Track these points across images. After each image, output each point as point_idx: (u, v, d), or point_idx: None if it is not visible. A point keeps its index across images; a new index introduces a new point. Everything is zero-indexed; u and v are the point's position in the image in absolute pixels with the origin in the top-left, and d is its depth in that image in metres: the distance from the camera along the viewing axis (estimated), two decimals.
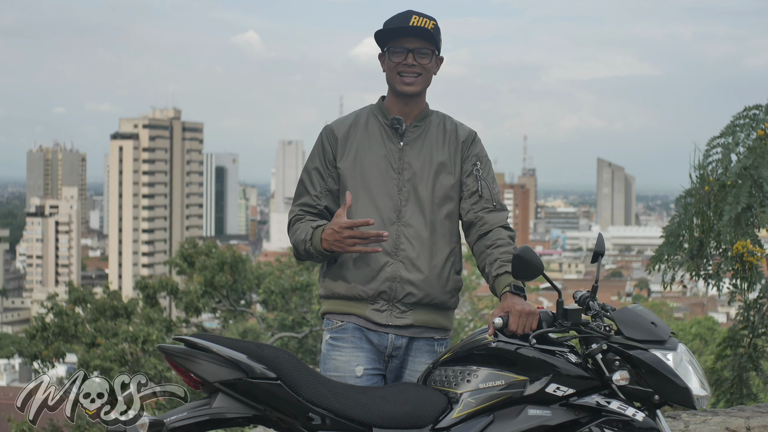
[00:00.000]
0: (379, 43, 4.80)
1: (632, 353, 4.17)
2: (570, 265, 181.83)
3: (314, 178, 4.78)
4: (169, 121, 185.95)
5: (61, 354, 28.04)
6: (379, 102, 4.87)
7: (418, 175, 4.69)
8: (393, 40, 4.71)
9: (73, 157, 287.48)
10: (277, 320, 30.86)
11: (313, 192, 4.76)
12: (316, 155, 4.80)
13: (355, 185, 4.69)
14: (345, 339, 4.65)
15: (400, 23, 4.68)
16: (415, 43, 4.69)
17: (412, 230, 4.65)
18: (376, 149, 4.73)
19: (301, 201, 4.80)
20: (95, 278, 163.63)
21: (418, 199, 4.67)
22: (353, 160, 4.72)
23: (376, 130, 4.77)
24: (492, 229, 4.69)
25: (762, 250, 8.46)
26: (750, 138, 8.59)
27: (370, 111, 4.85)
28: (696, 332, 39.02)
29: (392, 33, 4.70)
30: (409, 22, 4.65)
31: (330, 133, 4.80)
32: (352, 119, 4.83)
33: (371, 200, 4.66)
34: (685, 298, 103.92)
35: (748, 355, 9.39)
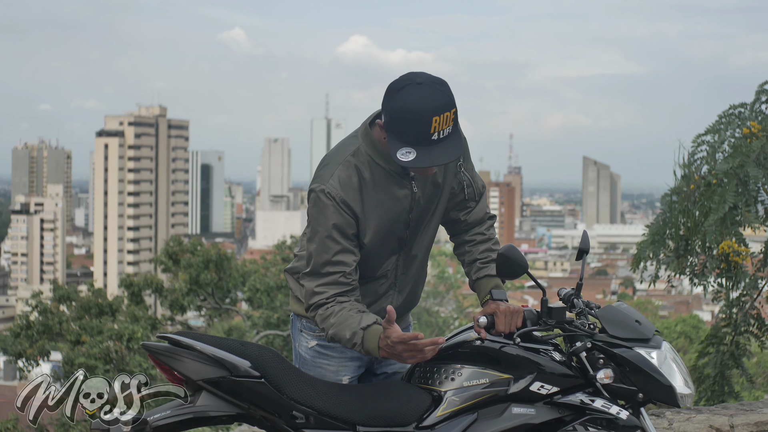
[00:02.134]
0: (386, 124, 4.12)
1: (616, 351, 4.17)
2: (555, 264, 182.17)
3: (343, 257, 4.24)
4: (155, 119, 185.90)
5: (45, 352, 28.06)
6: (371, 138, 4.31)
7: (424, 208, 4.43)
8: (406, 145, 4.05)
9: (59, 155, 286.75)
10: (263, 318, 30.85)
11: (343, 269, 4.25)
12: (338, 234, 4.23)
13: (371, 242, 4.33)
14: (334, 348, 4.49)
15: (418, 133, 4.01)
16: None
17: (416, 258, 4.53)
18: (392, 204, 4.32)
19: (329, 281, 4.24)
20: (80, 276, 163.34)
21: (421, 228, 4.47)
22: (376, 226, 4.30)
23: (385, 180, 4.29)
24: (473, 227, 4.66)
25: (747, 249, 8.48)
26: (735, 136, 8.60)
27: (368, 159, 4.28)
28: (681, 330, 39.02)
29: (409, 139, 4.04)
30: (430, 130, 4.00)
31: (344, 204, 4.22)
32: (356, 177, 4.25)
33: (383, 245, 4.37)
34: (670, 297, 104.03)
35: (731, 353, 9.41)
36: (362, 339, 4.12)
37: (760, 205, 8.66)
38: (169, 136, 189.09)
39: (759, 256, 9.03)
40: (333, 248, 4.22)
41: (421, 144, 4.01)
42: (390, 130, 4.08)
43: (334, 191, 4.21)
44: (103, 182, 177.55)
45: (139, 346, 25.00)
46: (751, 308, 9.33)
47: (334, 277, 4.24)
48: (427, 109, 3.99)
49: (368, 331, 4.12)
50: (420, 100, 4.01)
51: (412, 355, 4.05)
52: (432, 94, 4.02)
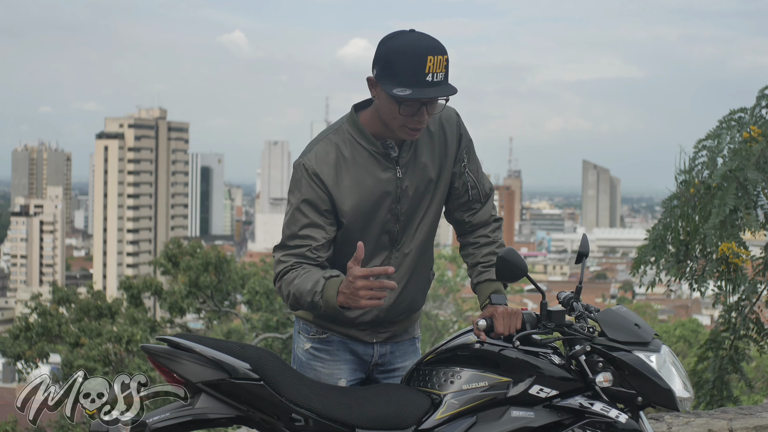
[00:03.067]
0: (378, 71, 4.14)
1: (615, 355, 4.16)
2: (555, 267, 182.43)
3: (310, 232, 4.24)
4: (155, 121, 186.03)
5: (44, 354, 28.06)
6: (355, 120, 4.30)
7: (413, 201, 4.37)
8: (401, 86, 4.06)
9: (58, 157, 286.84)
10: (262, 321, 30.87)
11: (309, 244, 4.25)
12: (307, 207, 4.24)
13: (355, 226, 4.31)
14: (329, 351, 4.50)
15: (413, 70, 4.02)
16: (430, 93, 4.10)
17: (405, 255, 4.46)
18: (373, 185, 4.27)
19: (295, 252, 4.26)
20: (80, 278, 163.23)
21: (413, 224, 4.42)
22: (347, 202, 4.26)
23: (366, 161, 4.27)
24: (478, 228, 4.65)
25: (747, 252, 8.48)
26: (735, 141, 8.61)
27: (350, 138, 4.28)
28: (680, 334, 39.10)
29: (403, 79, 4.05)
30: (425, 70, 4.01)
31: (315, 177, 4.22)
32: (334, 153, 4.26)
33: (370, 237, 4.34)
34: (669, 301, 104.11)
35: (729, 357, 9.42)
36: (323, 287, 4.13)
37: (759, 209, 8.67)
38: (169, 138, 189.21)
39: (759, 260, 9.03)
40: (301, 221, 4.26)
41: (416, 85, 4.03)
42: (383, 74, 4.10)
43: (309, 165, 4.24)
44: (103, 184, 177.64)
45: (138, 349, 25.00)
46: (750, 313, 9.33)
47: (300, 251, 4.26)
48: (422, 47, 4.05)
49: (330, 280, 4.14)
50: (415, 40, 4.08)
51: (370, 294, 4.00)
52: (425, 37, 4.12)
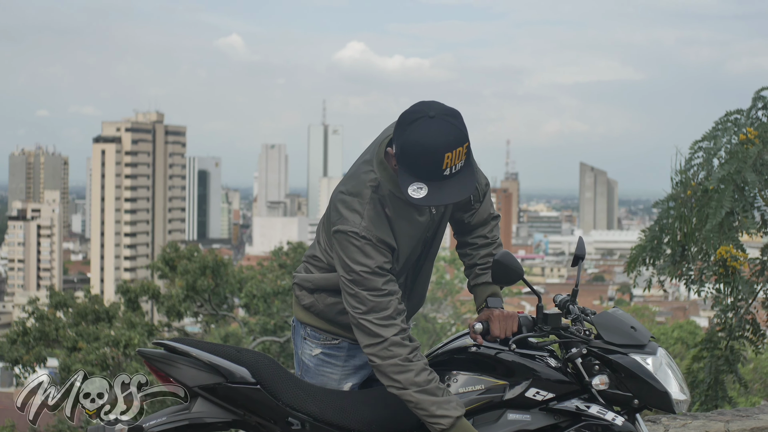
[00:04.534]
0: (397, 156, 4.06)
1: (612, 357, 4.17)
2: (552, 270, 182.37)
3: (391, 286, 4.20)
4: (152, 125, 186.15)
5: (42, 358, 28.01)
6: (392, 176, 4.21)
7: (438, 225, 4.45)
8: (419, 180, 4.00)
9: (56, 161, 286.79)
10: (259, 324, 30.87)
11: (396, 296, 4.21)
12: (382, 269, 4.17)
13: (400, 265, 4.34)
14: (339, 357, 4.49)
15: (430, 169, 3.96)
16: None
17: (424, 270, 4.53)
18: (415, 232, 4.31)
19: (391, 312, 4.16)
20: (77, 282, 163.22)
21: (433, 242, 4.48)
22: (403, 253, 4.29)
23: (407, 212, 4.26)
24: (477, 227, 4.67)
25: (745, 254, 8.49)
26: (732, 142, 8.62)
27: (390, 194, 4.22)
28: (678, 336, 39.03)
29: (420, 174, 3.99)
30: (443, 167, 3.95)
31: (382, 244, 4.17)
32: (383, 215, 4.22)
33: (404, 266, 4.36)
34: (667, 303, 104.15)
35: (725, 358, 9.42)
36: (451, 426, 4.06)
37: (756, 211, 8.68)
38: (166, 142, 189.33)
39: (756, 261, 9.03)
40: (382, 279, 4.16)
41: (432, 179, 3.96)
42: (401, 162, 4.01)
43: (369, 233, 4.16)
44: (100, 188, 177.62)
45: (135, 353, 24.98)
46: (746, 313, 9.33)
47: (393, 306, 4.17)
48: (440, 145, 3.92)
49: (460, 423, 4.07)
50: (432, 135, 3.93)
51: None
52: (445, 128, 3.95)
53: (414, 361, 4.10)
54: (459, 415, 4.06)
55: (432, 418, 4.06)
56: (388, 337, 4.11)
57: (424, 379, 4.08)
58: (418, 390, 4.07)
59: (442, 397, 4.07)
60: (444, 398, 4.07)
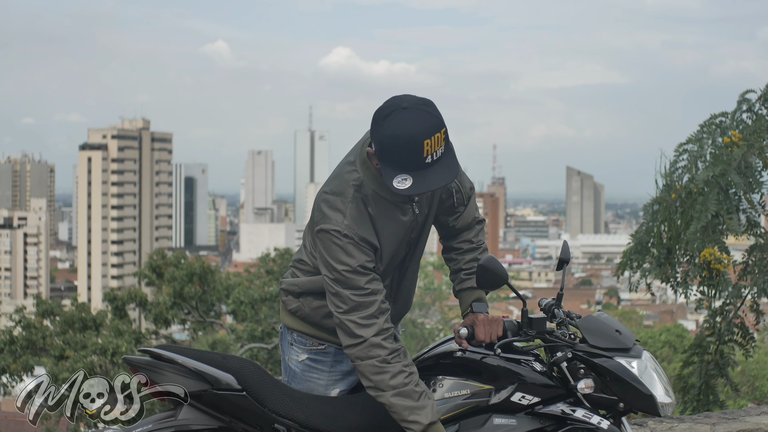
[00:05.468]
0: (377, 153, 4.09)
1: (597, 361, 4.17)
2: (540, 274, 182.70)
3: (374, 285, 4.19)
4: (138, 132, 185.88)
5: (29, 367, 27.90)
6: (374, 174, 4.22)
7: (421, 226, 4.44)
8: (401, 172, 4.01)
9: (42, 168, 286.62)
10: (247, 331, 30.79)
11: (380, 295, 4.21)
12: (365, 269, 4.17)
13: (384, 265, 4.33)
14: (325, 362, 4.49)
15: (412, 158, 3.97)
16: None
17: (408, 270, 4.52)
18: (398, 231, 4.30)
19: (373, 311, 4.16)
20: (64, 290, 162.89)
21: (418, 244, 4.47)
22: (387, 253, 4.28)
23: (390, 211, 4.27)
24: (462, 231, 4.67)
25: (729, 257, 8.50)
26: (716, 145, 8.63)
27: (373, 194, 4.23)
28: (665, 340, 39.11)
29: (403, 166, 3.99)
30: (423, 154, 3.96)
31: (364, 242, 4.17)
32: (366, 214, 4.22)
33: (387, 268, 4.36)
34: (654, 306, 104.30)
35: (715, 362, 9.43)
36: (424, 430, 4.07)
37: (741, 214, 8.69)
38: (153, 149, 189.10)
39: (741, 264, 9.06)
40: (365, 278, 4.16)
41: (415, 169, 3.97)
42: (382, 158, 4.03)
43: (351, 231, 4.16)
44: (87, 196, 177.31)
45: (122, 360, 24.92)
46: (735, 317, 9.35)
47: (376, 305, 4.17)
48: (418, 133, 3.93)
49: (433, 427, 4.08)
50: (408, 125, 3.95)
51: None
52: (420, 117, 3.96)
53: (392, 363, 4.10)
54: (430, 422, 4.05)
55: (404, 423, 4.09)
56: (368, 338, 4.11)
57: (400, 382, 4.08)
58: (393, 393, 4.08)
59: (417, 402, 4.07)
60: (418, 403, 4.06)
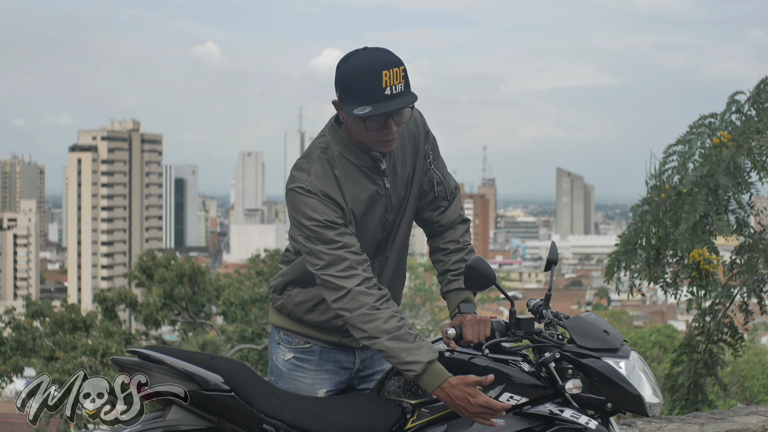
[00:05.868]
0: (341, 95, 4.15)
1: (585, 361, 4.17)
2: (530, 275, 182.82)
3: (346, 238, 4.16)
4: (128, 133, 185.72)
5: (19, 368, 27.87)
6: (341, 136, 4.28)
7: (397, 208, 4.41)
8: (363, 105, 4.05)
9: (32, 170, 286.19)
10: (237, 332, 30.80)
11: (353, 247, 4.17)
12: (332, 223, 4.15)
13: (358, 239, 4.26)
14: (311, 361, 4.49)
15: (371, 88, 4.02)
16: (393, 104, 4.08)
17: (391, 260, 4.49)
18: (366, 200, 4.28)
19: (349, 263, 4.13)
20: (54, 291, 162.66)
21: (395, 227, 4.45)
22: (357, 223, 4.27)
23: (357, 176, 4.26)
24: (447, 229, 4.65)
25: (718, 257, 8.52)
26: (705, 146, 8.65)
27: (339, 155, 4.25)
28: (655, 340, 39.10)
29: (364, 99, 4.04)
30: (382, 85, 4.01)
31: (327, 198, 4.16)
32: (331, 173, 4.22)
33: (363, 244, 4.29)
34: (644, 306, 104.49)
35: (704, 362, 9.45)
36: (423, 371, 4.05)
37: (730, 214, 8.71)
38: (143, 150, 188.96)
39: (730, 264, 9.08)
40: (333, 231, 4.15)
41: (375, 101, 4.02)
42: (343, 96, 4.10)
43: (316, 187, 4.17)
44: (77, 197, 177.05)
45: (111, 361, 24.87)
46: (724, 317, 9.37)
47: (351, 257, 4.15)
48: (376, 64, 4.03)
49: (432, 366, 4.06)
50: (368, 58, 4.06)
51: (484, 417, 4.06)
52: (378, 52, 4.09)
53: (381, 309, 4.09)
54: (430, 359, 4.04)
55: (404, 365, 4.05)
56: (351, 288, 4.10)
57: (394, 325, 4.07)
58: (389, 338, 4.05)
59: (414, 343, 4.05)
60: (415, 344, 4.05)
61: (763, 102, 8.78)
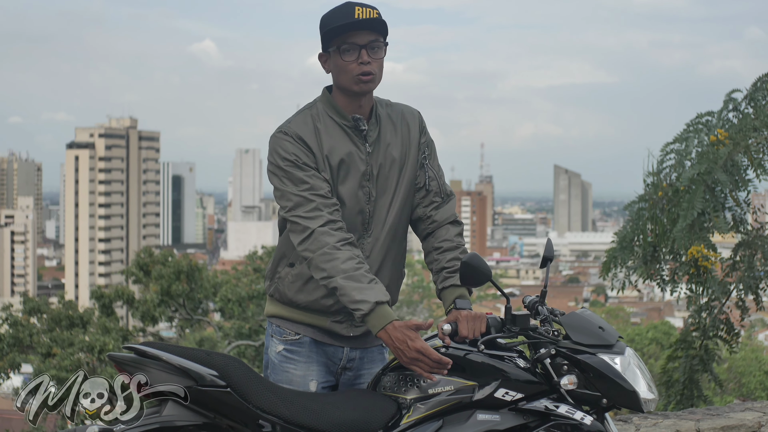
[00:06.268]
0: (323, 42, 4.44)
1: (580, 357, 4.18)
2: (527, 272, 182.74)
3: (315, 181, 4.30)
4: (126, 131, 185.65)
5: (16, 365, 27.85)
6: (329, 98, 4.47)
7: (381, 181, 4.48)
8: (339, 37, 4.34)
9: (29, 167, 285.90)
10: (234, 328, 30.77)
11: (322, 190, 4.29)
12: (302, 164, 4.30)
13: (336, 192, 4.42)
14: (301, 353, 4.54)
15: (344, 18, 4.30)
16: (365, 37, 4.34)
17: (378, 241, 4.52)
18: (345, 156, 4.40)
19: (316, 204, 4.26)
20: (51, 288, 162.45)
21: (384, 206, 4.50)
22: (327, 169, 4.37)
23: (339, 134, 4.41)
24: (439, 227, 4.65)
25: (716, 254, 8.53)
26: (703, 144, 8.66)
27: (323, 112, 4.44)
28: (652, 337, 39.16)
29: (338, 30, 4.31)
30: (355, 15, 4.29)
31: (299, 139, 4.34)
32: (311, 122, 4.39)
33: (345, 216, 4.39)
34: (641, 303, 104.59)
35: (700, 357, 9.46)
36: (370, 311, 4.11)
37: (728, 212, 8.73)
38: (140, 147, 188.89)
39: (728, 261, 9.08)
40: (302, 175, 4.31)
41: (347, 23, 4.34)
42: (324, 41, 4.43)
43: (291, 131, 4.37)
44: (74, 194, 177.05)
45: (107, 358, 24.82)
46: (720, 313, 9.38)
47: (318, 200, 4.27)
48: (349, 4, 4.36)
49: (380, 307, 4.13)
50: (342, 3, 4.40)
51: (420, 366, 4.11)
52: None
53: (341, 250, 4.20)
54: (378, 300, 4.12)
55: (353, 304, 4.14)
56: (314, 228, 4.23)
57: (351, 266, 4.17)
58: (344, 276, 4.15)
59: (367, 284, 4.15)
60: (367, 285, 4.14)
61: (760, 99, 8.79)
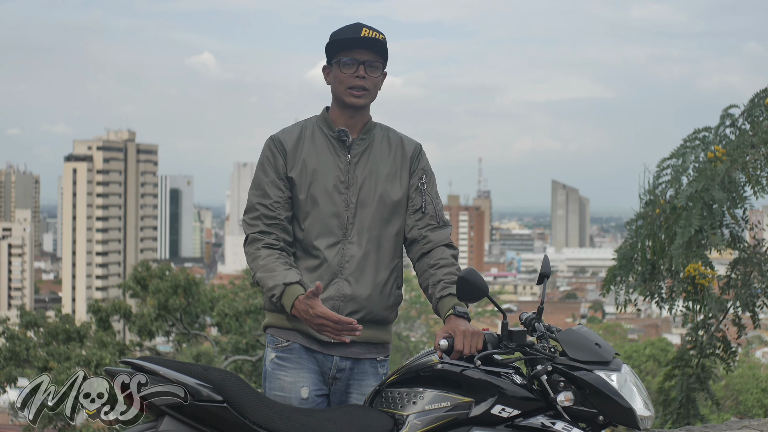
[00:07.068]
0: (328, 55, 4.74)
1: (577, 374, 4.17)
2: (525, 287, 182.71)
3: (269, 189, 4.64)
4: (124, 143, 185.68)
5: (12, 379, 27.81)
6: (324, 113, 4.80)
7: (364, 191, 4.65)
8: (342, 52, 4.66)
9: (27, 179, 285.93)
10: (231, 343, 30.73)
11: (269, 201, 4.63)
12: (268, 167, 4.67)
13: (305, 201, 4.63)
14: (291, 359, 4.61)
15: (350, 34, 4.64)
16: (366, 55, 4.65)
17: (358, 248, 4.62)
18: (324, 163, 4.65)
19: (259, 214, 4.64)
20: (48, 301, 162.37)
21: (365, 215, 4.64)
22: (300, 171, 4.63)
23: (323, 143, 4.70)
24: (435, 247, 4.70)
25: (713, 272, 8.52)
26: (699, 160, 8.65)
27: (315, 122, 4.78)
28: (650, 354, 39.13)
29: (343, 44, 4.64)
30: (360, 34, 4.62)
31: (278, 143, 4.69)
32: (298, 131, 4.73)
33: (319, 217, 4.61)
34: (639, 320, 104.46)
35: (696, 375, 9.44)
36: (281, 293, 4.43)
37: (725, 228, 8.71)
38: (138, 160, 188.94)
39: (725, 278, 9.08)
40: (263, 180, 4.69)
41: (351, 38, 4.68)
42: (329, 55, 4.74)
43: (275, 136, 4.74)
44: (72, 207, 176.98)
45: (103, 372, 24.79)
46: (717, 331, 9.37)
47: (263, 211, 4.64)
48: (358, 24, 4.70)
49: (289, 287, 4.43)
50: (352, 23, 4.74)
51: (327, 331, 4.37)
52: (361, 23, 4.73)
53: (262, 249, 4.60)
54: (287, 281, 4.44)
55: (269, 291, 4.49)
56: (248, 234, 4.67)
57: (269, 261, 4.54)
58: (262, 270, 4.54)
59: (280, 272, 4.49)
60: (280, 272, 4.49)
61: (758, 116, 8.78)
